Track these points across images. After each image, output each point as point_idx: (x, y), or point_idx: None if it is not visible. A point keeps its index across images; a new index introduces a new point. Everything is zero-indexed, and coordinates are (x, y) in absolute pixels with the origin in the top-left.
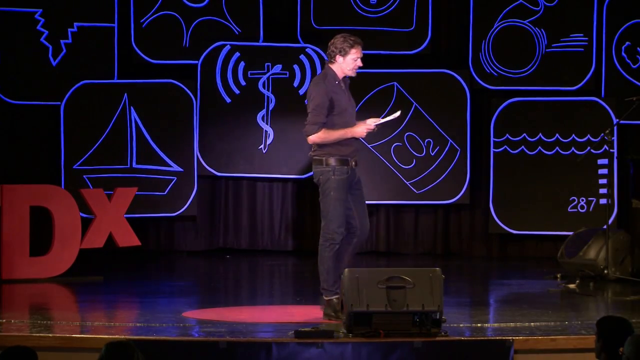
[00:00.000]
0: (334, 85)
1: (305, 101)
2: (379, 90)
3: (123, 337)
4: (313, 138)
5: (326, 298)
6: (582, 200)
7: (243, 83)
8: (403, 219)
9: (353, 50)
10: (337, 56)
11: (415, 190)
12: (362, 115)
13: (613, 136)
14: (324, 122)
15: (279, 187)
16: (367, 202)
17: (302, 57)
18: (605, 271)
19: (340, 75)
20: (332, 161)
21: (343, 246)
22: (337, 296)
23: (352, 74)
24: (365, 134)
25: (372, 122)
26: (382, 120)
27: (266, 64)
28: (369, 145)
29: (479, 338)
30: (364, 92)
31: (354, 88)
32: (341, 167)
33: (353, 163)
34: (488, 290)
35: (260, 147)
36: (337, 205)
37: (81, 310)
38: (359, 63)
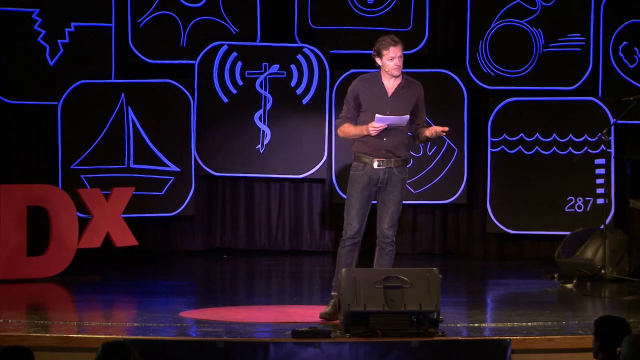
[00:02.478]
0: (370, 83)
1: None
2: None
3: (120, 337)
4: (337, 130)
5: (332, 293)
6: (580, 200)
7: (240, 83)
8: (400, 218)
9: (385, 52)
10: (376, 58)
11: (412, 190)
12: None
13: (610, 136)
14: (349, 116)
15: (276, 187)
16: None
17: (299, 57)
18: (603, 271)
19: (385, 75)
20: (354, 156)
21: (377, 252)
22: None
23: (394, 73)
24: (371, 132)
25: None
26: (382, 117)
27: (263, 63)
28: None
29: (476, 338)
30: None
31: None
32: (357, 164)
33: (375, 162)
34: (485, 290)
35: (257, 147)
36: (348, 201)
37: (78, 310)
38: (397, 62)
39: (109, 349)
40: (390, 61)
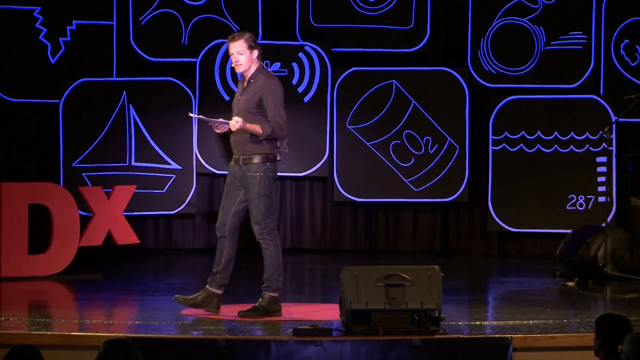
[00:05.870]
0: (240, 82)
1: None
2: (378, 88)
3: (122, 334)
4: None
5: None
6: (581, 198)
7: None
8: (402, 216)
9: None
10: None
11: (414, 188)
12: (360, 114)
13: (612, 134)
14: None
15: (277, 185)
16: (365, 199)
17: (300, 55)
18: (604, 269)
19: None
20: None
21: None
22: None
23: (235, 69)
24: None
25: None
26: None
27: (265, 62)
28: (367, 143)
29: (477, 336)
30: (363, 90)
31: (355, 85)
32: None
33: (233, 160)
34: (487, 288)
35: None
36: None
37: (80, 308)
38: (234, 58)
39: (111, 346)
40: (231, 57)
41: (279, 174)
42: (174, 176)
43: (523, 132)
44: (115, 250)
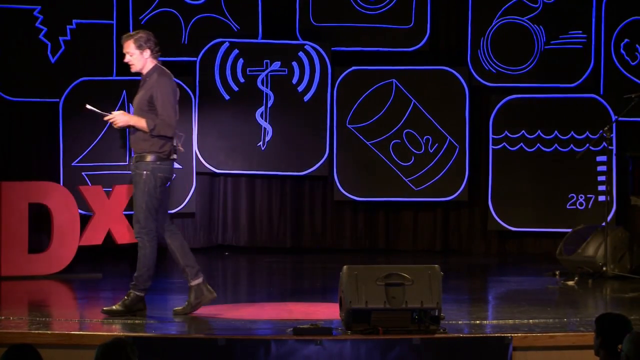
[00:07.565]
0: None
1: None
2: (378, 87)
3: (122, 334)
4: None
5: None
6: (581, 197)
7: (242, 80)
8: (402, 216)
9: None
10: None
11: (414, 187)
12: (360, 113)
13: (612, 133)
14: None
15: (277, 184)
16: (365, 199)
17: (300, 54)
18: (604, 268)
19: None
20: None
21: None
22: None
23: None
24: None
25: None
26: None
27: (265, 61)
28: (367, 142)
29: (477, 335)
30: (363, 89)
31: (354, 84)
32: None
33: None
34: (487, 287)
35: (258, 144)
36: None
37: (80, 307)
38: (126, 58)
39: (103, 350)
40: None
41: (279, 172)
42: (174, 176)
43: (523, 131)
44: (115, 249)
